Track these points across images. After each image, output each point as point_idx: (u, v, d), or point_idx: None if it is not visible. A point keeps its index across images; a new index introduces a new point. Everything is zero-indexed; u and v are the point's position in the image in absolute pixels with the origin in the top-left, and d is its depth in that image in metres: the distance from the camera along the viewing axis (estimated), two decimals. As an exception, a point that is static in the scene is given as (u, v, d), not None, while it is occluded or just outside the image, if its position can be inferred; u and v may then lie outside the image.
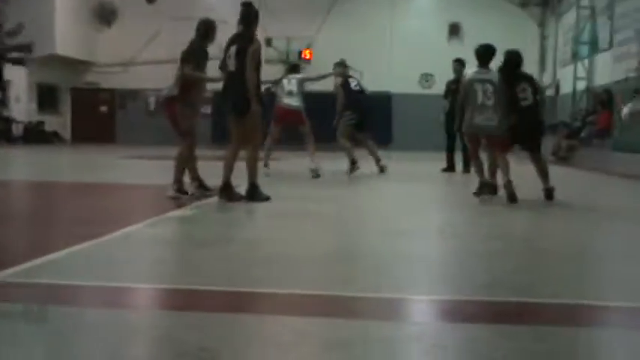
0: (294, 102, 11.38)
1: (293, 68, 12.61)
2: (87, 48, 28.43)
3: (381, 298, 3.62)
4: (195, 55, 7.83)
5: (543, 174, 8.17)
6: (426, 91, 26.51)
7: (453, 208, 8.08)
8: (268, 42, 26.36)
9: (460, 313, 3.40)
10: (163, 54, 23.36)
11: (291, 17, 26.52)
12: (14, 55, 25.18)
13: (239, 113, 7.48)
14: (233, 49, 7.45)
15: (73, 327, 3.01)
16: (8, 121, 25.41)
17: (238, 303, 3.50)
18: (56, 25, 26.36)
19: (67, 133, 29.40)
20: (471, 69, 8.56)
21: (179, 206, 7.13)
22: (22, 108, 26.39)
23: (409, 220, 6.76)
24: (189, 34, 7.89)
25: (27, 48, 25.05)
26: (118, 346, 2.78)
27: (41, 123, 27.16)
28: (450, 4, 27.10)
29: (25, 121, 26.51)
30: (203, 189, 7.91)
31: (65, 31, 26.85)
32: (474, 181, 8.86)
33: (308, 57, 27.07)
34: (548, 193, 8.06)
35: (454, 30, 27.18)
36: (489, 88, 8.07)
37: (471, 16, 26.52)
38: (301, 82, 11.60)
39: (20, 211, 7.25)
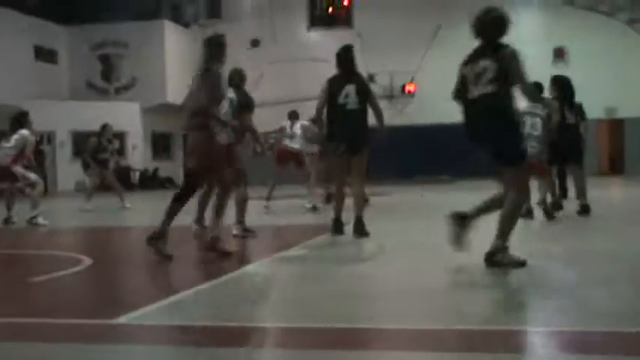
0: (294, 144, 12.29)
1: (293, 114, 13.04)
2: (196, 95, 29.40)
3: (508, 330, 3.59)
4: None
5: (581, 190, 9.30)
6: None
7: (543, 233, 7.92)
8: (371, 78, 26.56)
9: (583, 343, 3.34)
10: (267, 96, 23.93)
11: (392, 52, 26.67)
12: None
13: (360, 149, 7.64)
14: (351, 88, 7.60)
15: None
16: (127, 169, 26.54)
17: (354, 339, 3.54)
18: (167, 75, 27.50)
19: (179, 178, 30.36)
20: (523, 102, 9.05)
21: (289, 246, 7.24)
22: (138, 156, 27.49)
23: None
24: (291, 76, 8.08)
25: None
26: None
27: (157, 169, 28.20)
28: (554, 28, 26.61)
29: (142, 169, 27.60)
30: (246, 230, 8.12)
31: (175, 80, 27.92)
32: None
33: (412, 90, 27.14)
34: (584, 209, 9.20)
35: (559, 54, 26.67)
36: (538, 121, 8.99)
37: (577, 38, 25.97)
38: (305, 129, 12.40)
39: (142, 255, 7.55)
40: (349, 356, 3.20)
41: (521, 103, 9.26)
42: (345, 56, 7.83)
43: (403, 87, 27.24)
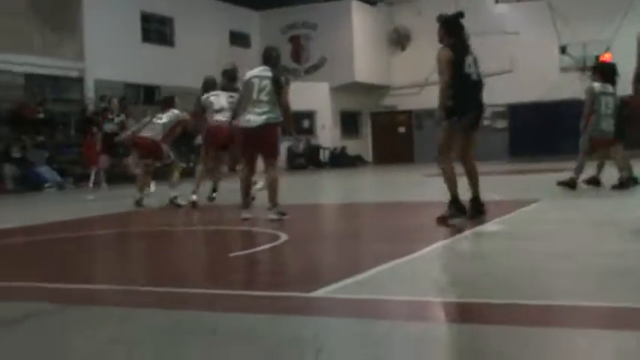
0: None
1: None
2: (383, 73, 29.60)
3: None
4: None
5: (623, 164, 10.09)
6: None
7: None
8: (563, 50, 25.55)
9: None
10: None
11: (585, 21, 25.41)
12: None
13: (478, 126, 7.27)
14: (470, 58, 7.12)
15: (388, 338, 3.16)
16: (316, 148, 27.22)
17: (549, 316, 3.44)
18: (355, 55, 27.83)
19: (368, 156, 30.72)
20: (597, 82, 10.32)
21: (480, 223, 7.12)
22: (327, 135, 28.08)
23: None
24: (480, 50, 7.79)
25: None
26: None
27: (344, 148, 28.68)
28: None
29: (331, 147, 28.17)
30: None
31: (363, 59, 28.22)
32: None
33: (608, 60, 25.77)
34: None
35: None
36: (611, 100, 10.17)
37: None
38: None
39: (333, 232, 7.74)
40: (554, 333, 3.10)
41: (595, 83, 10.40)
42: (460, 24, 7.24)
43: (597, 57, 25.93)
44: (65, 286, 4.75)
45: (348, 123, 30.16)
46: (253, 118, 7.91)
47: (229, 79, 10.70)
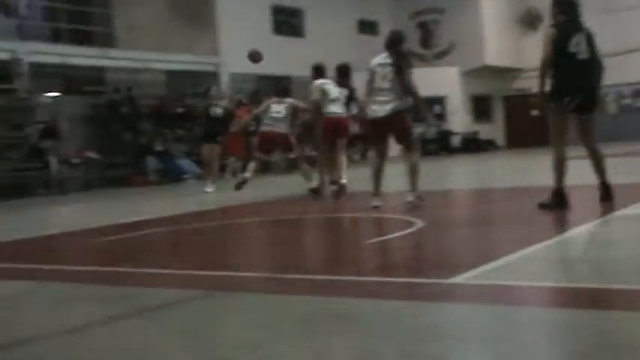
0: None
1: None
2: (514, 55, 28.95)
3: None
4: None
5: None
6: None
7: None
8: None
9: None
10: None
11: None
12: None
13: (592, 108, 6.93)
14: (580, 37, 6.78)
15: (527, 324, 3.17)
16: (447, 133, 27.00)
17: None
18: (485, 38, 27.37)
19: (500, 140, 30.16)
20: None
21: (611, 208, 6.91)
22: (458, 120, 27.78)
23: None
24: (613, 27, 7.45)
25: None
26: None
27: (476, 132, 28.29)
28: None
29: (462, 132, 27.86)
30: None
31: (493, 42, 27.71)
32: None
33: None
34: None
35: None
36: None
37: None
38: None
39: (467, 218, 7.71)
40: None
41: None
42: (571, 1, 6.90)
43: None
44: (212, 274, 5.00)
45: (480, 107, 29.71)
46: (378, 108, 7.91)
47: (342, 75, 10.77)
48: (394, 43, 8.16)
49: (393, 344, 2.91)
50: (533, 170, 14.98)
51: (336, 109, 10.19)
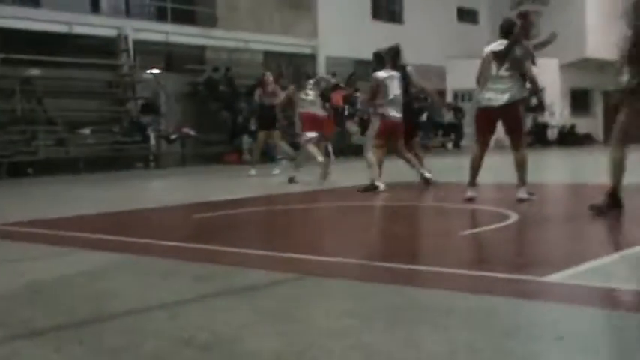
0: None
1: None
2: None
3: None
4: None
5: None
6: None
7: None
8: None
9: None
10: None
11: None
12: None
13: None
14: None
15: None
16: (544, 126, 26.43)
17: None
18: (587, 29, 26.61)
19: (598, 135, 29.34)
20: None
21: None
22: (556, 113, 27.15)
23: None
24: None
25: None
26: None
27: (573, 126, 27.59)
28: None
29: (559, 126, 27.22)
30: None
31: (595, 34, 26.91)
32: None
33: None
34: None
35: None
36: None
37: None
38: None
39: (562, 213, 7.54)
40: None
41: None
42: None
43: None
44: (304, 257, 5.03)
45: (579, 101, 28.95)
46: (495, 96, 7.64)
47: (394, 57, 9.92)
48: (512, 30, 7.98)
49: (488, 340, 2.88)
50: (631, 167, 14.47)
51: (394, 112, 9.58)
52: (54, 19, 17.70)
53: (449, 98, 25.60)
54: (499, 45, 7.87)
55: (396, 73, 9.68)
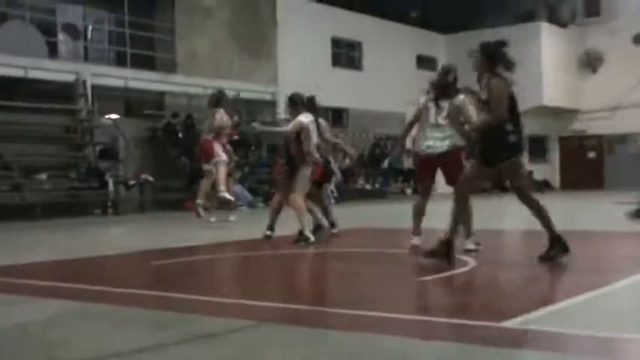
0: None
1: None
2: (572, 96, 28.69)
3: None
4: None
5: None
6: None
7: None
8: None
9: None
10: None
11: None
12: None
13: None
14: None
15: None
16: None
17: None
18: (543, 78, 27.17)
19: (555, 181, 29.80)
20: None
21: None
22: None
23: None
24: None
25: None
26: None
27: (531, 172, 28.00)
28: None
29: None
30: None
31: (552, 82, 27.51)
32: None
33: None
34: None
35: None
36: None
37: None
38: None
39: (520, 259, 7.58)
40: None
41: None
42: None
43: None
44: (260, 304, 5.00)
45: (535, 147, 29.42)
46: (435, 143, 7.64)
47: (310, 105, 9.52)
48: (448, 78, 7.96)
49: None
50: (587, 213, 14.75)
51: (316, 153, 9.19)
52: (10, 63, 17.56)
53: (408, 144, 25.78)
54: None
55: (312, 119, 9.29)
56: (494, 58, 6.79)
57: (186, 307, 4.90)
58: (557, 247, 6.50)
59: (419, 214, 7.91)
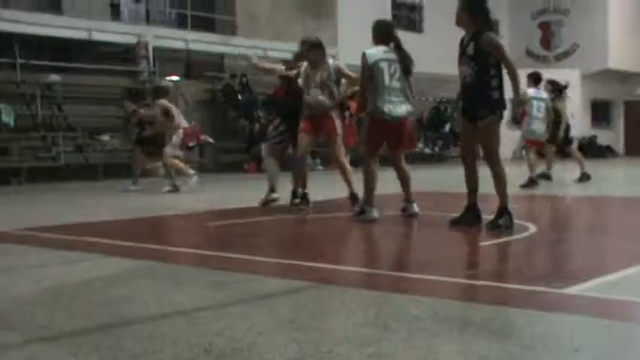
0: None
1: None
2: (639, 60, 27.92)
3: None
4: None
5: None
6: None
7: None
8: None
9: None
10: None
11: None
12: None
13: None
14: None
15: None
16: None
17: None
18: (610, 40, 26.48)
19: (619, 147, 29.14)
20: None
21: None
22: (576, 124, 26.98)
23: None
24: None
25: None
26: None
27: (594, 137, 27.40)
28: None
29: (579, 137, 27.04)
30: None
31: (618, 45, 26.78)
32: None
33: None
34: None
35: None
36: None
37: None
38: None
39: (582, 225, 7.47)
40: None
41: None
42: None
43: None
44: (321, 266, 5.02)
45: (599, 112, 28.79)
46: (394, 108, 7.12)
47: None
48: (394, 36, 7.60)
49: (504, 352, 2.85)
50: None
51: None
52: (74, 25, 17.81)
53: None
54: (386, 52, 7.40)
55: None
56: (477, 14, 6.58)
57: (246, 267, 4.95)
58: (506, 216, 6.40)
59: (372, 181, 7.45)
